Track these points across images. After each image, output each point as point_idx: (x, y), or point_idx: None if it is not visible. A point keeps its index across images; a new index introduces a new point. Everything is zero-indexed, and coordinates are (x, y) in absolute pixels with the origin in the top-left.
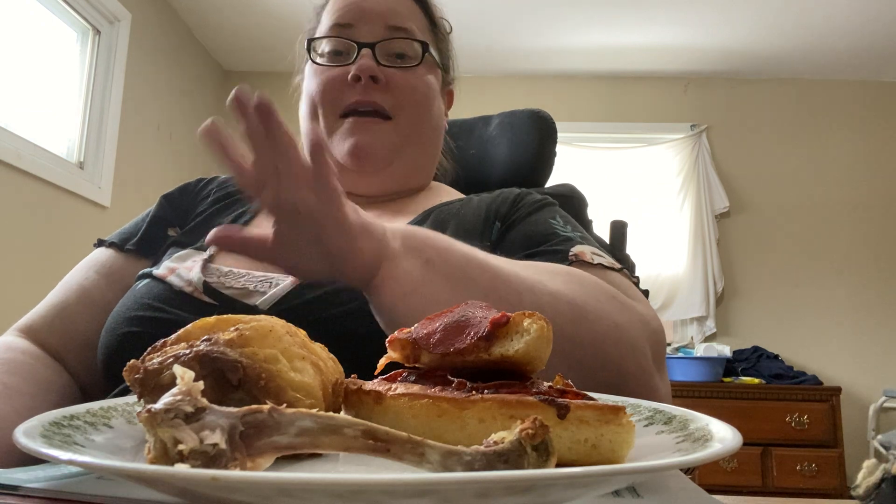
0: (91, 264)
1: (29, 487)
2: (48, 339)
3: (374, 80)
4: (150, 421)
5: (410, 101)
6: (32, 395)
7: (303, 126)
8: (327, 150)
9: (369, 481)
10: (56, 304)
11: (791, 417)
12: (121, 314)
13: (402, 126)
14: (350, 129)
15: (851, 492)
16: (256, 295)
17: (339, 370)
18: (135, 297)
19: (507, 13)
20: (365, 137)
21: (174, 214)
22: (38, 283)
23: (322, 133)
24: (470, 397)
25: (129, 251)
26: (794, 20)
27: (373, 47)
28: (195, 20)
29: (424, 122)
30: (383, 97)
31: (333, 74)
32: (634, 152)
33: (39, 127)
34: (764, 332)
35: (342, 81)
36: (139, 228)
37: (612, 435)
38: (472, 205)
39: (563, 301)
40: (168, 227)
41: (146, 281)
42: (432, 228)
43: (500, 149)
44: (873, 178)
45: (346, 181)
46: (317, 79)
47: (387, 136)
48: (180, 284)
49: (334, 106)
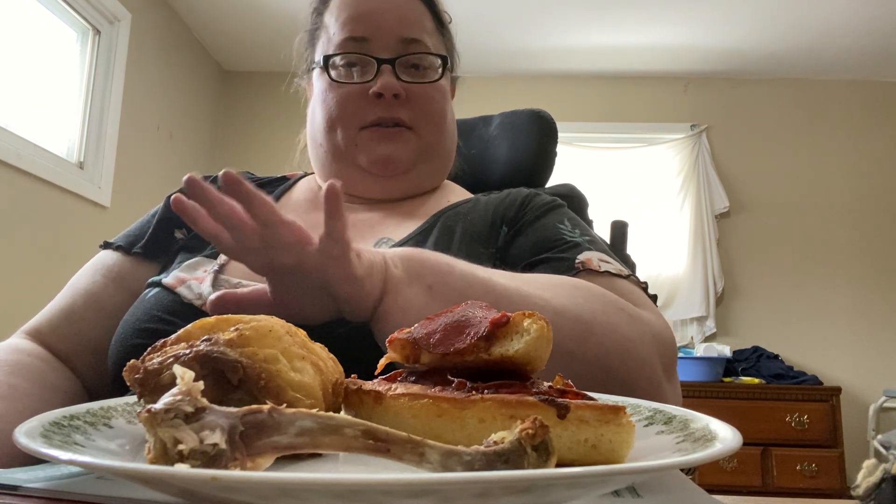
0: (97, 267)
1: (29, 487)
2: (56, 344)
3: (395, 96)
4: (150, 421)
5: (430, 113)
6: (37, 397)
7: (314, 136)
8: (340, 199)
9: (369, 481)
10: (63, 307)
11: (791, 417)
12: (131, 324)
13: (424, 135)
14: (377, 137)
15: (851, 492)
16: None
17: (339, 370)
18: (144, 307)
19: (508, 13)
20: (392, 146)
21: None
22: (38, 283)
23: (338, 185)
24: (470, 397)
25: (136, 254)
26: (794, 20)
27: (393, 63)
28: (195, 20)
29: (442, 130)
30: (404, 111)
31: (352, 90)
32: (634, 152)
33: (39, 127)
34: (764, 332)
35: (363, 97)
36: (145, 231)
37: (612, 435)
38: (479, 208)
39: (569, 318)
40: (175, 229)
41: (156, 290)
42: (440, 234)
43: (501, 149)
44: (873, 178)
45: (365, 186)
46: (333, 94)
47: (411, 144)
48: (190, 297)
49: (355, 121)
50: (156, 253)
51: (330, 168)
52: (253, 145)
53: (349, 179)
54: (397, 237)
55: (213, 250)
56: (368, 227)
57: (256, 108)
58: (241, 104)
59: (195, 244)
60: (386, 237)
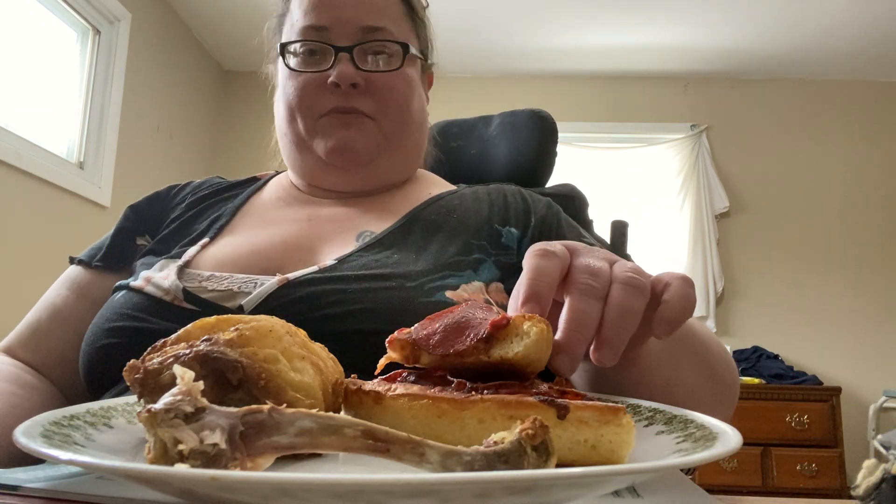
0: (64, 282)
1: (29, 487)
2: (26, 358)
3: (353, 86)
4: (150, 421)
5: (392, 103)
6: (17, 395)
7: (279, 126)
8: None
9: (369, 481)
10: (31, 322)
11: (791, 417)
12: (99, 326)
13: (385, 126)
14: (333, 124)
15: (851, 492)
16: (241, 296)
17: (339, 370)
18: (113, 308)
19: (508, 13)
20: (349, 133)
21: (142, 224)
22: (38, 283)
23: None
24: (469, 398)
25: (96, 267)
26: (794, 20)
27: (350, 51)
28: (195, 20)
29: (406, 121)
30: (363, 101)
31: (310, 79)
32: (634, 152)
33: (39, 127)
34: (764, 332)
35: (320, 86)
36: (104, 243)
37: (612, 436)
38: (467, 201)
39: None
40: (136, 237)
41: (123, 292)
42: (425, 227)
43: (501, 149)
44: (873, 178)
45: (328, 178)
46: (292, 82)
47: (370, 133)
48: (158, 294)
49: (312, 110)
50: (117, 263)
51: (295, 159)
52: (253, 145)
53: (312, 170)
54: (378, 230)
55: (179, 250)
56: (348, 220)
57: (256, 108)
58: (241, 104)
59: (160, 248)
60: (367, 230)
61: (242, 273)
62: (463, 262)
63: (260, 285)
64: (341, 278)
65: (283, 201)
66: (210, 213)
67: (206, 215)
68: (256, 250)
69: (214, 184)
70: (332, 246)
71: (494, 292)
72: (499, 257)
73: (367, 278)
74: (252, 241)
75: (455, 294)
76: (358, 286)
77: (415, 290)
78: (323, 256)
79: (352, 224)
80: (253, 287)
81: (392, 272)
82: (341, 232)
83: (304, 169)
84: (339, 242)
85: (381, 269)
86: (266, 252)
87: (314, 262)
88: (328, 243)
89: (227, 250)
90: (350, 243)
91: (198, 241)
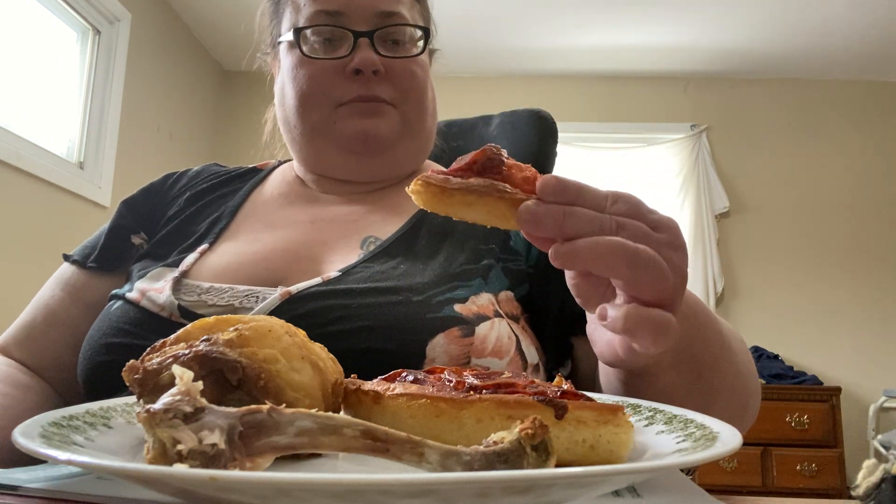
0: (57, 281)
1: (29, 487)
2: (21, 358)
3: (374, 72)
4: (149, 421)
5: (412, 89)
6: (12, 396)
7: (286, 117)
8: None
9: (369, 481)
10: (25, 323)
11: (791, 417)
12: (96, 340)
13: (406, 112)
14: (357, 112)
15: (851, 492)
16: (242, 311)
17: (338, 370)
18: (109, 321)
19: (508, 13)
20: (372, 122)
21: (137, 221)
22: (38, 283)
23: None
24: (468, 397)
25: (90, 268)
26: (794, 20)
27: (371, 36)
28: (195, 20)
29: (425, 107)
30: (384, 88)
31: (327, 66)
32: (634, 152)
33: (39, 127)
34: (764, 332)
35: (339, 74)
36: (98, 242)
37: (611, 436)
38: None
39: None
40: (131, 235)
41: (119, 303)
42: (431, 233)
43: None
44: (873, 178)
45: (344, 166)
46: (305, 70)
47: (393, 120)
48: (154, 309)
49: (331, 98)
50: (112, 264)
51: (306, 149)
52: (253, 145)
53: (326, 160)
54: (383, 236)
55: (177, 257)
56: (352, 222)
57: (256, 109)
58: (241, 104)
59: (157, 251)
60: (372, 236)
61: (243, 284)
62: (472, 270)
63: (262, 299)
64: (346, 292)
65: (286, 199)
66: (209, 213)
67: (205, 214)
68: (257, 258)
69: (212, 173)
70: (336, 253)
71: (504, 302)
72: (507, 264)
73: (372, 292)
74: (253, 247)
75: (464, 307)
76: (363, 300)
77: (422, 304)
78: (326, 265)
79: (356, 227)
80: (255, 301)
81: (398, 285)
82: (345, 236)
83: (316, 159)
84: (343, 249)
85: (386, 282)
86: (267, 260)
87: (317, 272)
88: (332, 250)
89: (227, 259)
90: (354, 250)
91: (196, 247)
